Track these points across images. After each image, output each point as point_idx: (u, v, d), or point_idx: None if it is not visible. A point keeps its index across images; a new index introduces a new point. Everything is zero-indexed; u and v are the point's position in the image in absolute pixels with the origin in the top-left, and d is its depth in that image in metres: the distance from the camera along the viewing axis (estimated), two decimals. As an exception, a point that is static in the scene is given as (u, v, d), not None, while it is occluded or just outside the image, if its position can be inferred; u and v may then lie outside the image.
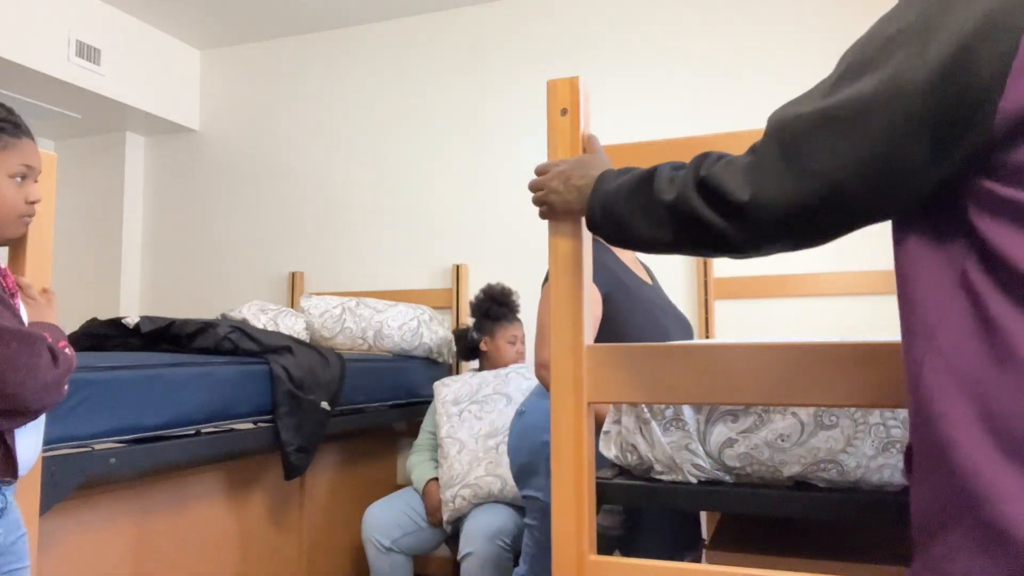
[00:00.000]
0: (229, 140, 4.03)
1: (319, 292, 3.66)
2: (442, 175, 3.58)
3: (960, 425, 0.68)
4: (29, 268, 1.50)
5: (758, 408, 1.21)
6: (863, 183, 0.75)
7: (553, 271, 1.23)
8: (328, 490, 2.84)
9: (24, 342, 1.18)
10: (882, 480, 1.16)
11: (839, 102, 0.76)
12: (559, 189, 1.14)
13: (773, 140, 0.82)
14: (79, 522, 1.86)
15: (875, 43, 0.76)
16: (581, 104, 1.25)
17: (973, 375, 0.68)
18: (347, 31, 3.82)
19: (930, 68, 0.70)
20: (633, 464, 1.31)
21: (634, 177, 0.99)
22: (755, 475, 1.23)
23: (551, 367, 1.22)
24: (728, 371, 1.13)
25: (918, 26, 0.72)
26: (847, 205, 0.78)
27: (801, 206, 0.79)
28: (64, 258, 3.93)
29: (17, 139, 1.32)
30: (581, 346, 1.20)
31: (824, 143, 0.76)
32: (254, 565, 2.44)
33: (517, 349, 2.89)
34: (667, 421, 1.26)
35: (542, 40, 3.46)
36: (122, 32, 3.63)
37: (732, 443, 1.22)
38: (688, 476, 1.25)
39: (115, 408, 1.82)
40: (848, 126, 0.75)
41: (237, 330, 2.39)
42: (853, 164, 0.75)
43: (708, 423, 1.24)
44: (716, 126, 3.10)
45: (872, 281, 2.89)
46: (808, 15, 3.07)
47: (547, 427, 1.81)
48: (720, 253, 0.90)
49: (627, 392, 1.19)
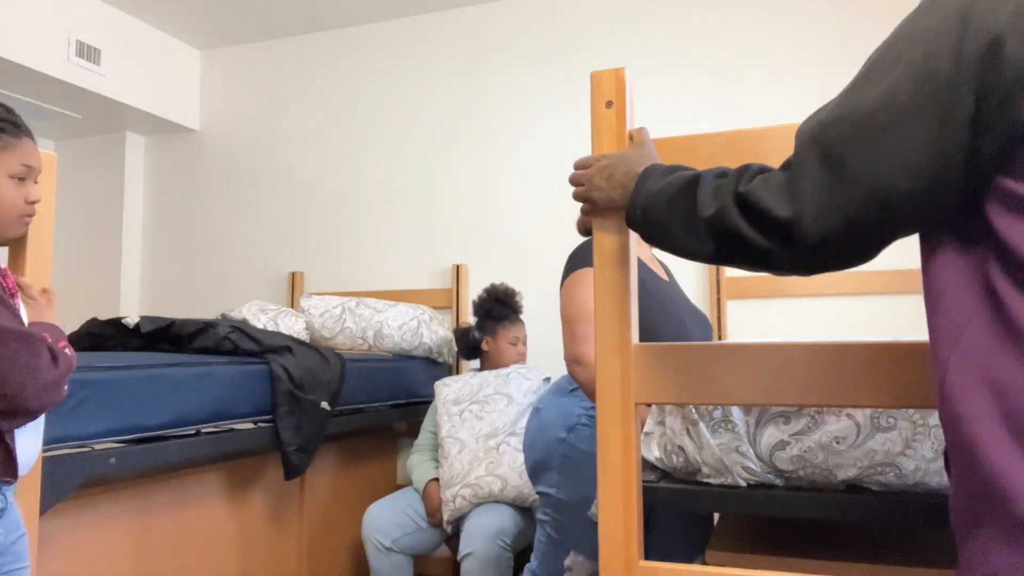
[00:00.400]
0: (229, 140, 4.03)
1: (319, 292, 3.66)
2: (442, 175, 3.58)
3: (983, 424, 0.69)
4: (29, 268, 1.50)
5: (811, 410, 1.17)
6: (908, 188, 0.73)
7: (598, 266, 1.17)
8: (328, 490, 2.84)
9: (24, 342, 1.18)
10: (941, 483, 1.13)
11: (873, 107, 0.75)
12: (602, 186, 1.09)
13: (810, 153, 0.79)
14: (79, 522, 1.86)
15: (902, 42, 0.76)
16: (627, 96, 1.19)
17: (995, 374, 0.69)
18: (347, 31, 3.82)
19: (961, 63, 0.70)
20: (678, 467, 1.27)
21: (678, 182, 0.95)
22: (807, 478, 1.19)
23: (595, 366, 1.16)
24: (781, 371, 1.07)
25: (948, 24, 0.72)
26: (893, 213, 0.75)
27: (846, 218, 0.76)
28: (64, 258, 3.93)
29: (17, 139, 1.32)
30: (628, 345, 1.15)
31: (864, 151, 0.75)
32: (254, 565, 2.44)
33: (518, 350, 2.89)
34: (715, 423, 1.22)
35: (542, 40, 3.46)
36: (122, 32, 3.63)
37: (784, 445, 1.18)
38: (738, 479, 1.21)
39: (115, 408, 1.82)
40: (887, 131, 0.74)
41: (237, 330, 2.39)
42: (897, 168, 0.73)
43: (758, 425, 1.20)
44: (717, 126, 3.09)
45: (884, 281, 2.89)
46: (808, 15, 3.07)
47: (562, 424, 1.81)
48: (766, 270, 0.87)
49: (676, 393, 1.13)
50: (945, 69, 0.71)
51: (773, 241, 0.82)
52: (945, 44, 0.71)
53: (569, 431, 1.80)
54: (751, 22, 3.15)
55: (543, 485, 1.85)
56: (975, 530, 0.71)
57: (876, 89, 0.75)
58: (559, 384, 1.94)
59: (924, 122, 0.72)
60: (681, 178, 0.95)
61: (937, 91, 0.71)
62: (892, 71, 0.75)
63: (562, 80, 3.40)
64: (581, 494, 1.76)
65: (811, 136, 0.80)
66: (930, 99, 0.71)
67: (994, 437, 0.68)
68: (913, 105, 0.72)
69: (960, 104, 0.70)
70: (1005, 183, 0.70)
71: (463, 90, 3.58)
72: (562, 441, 1.80)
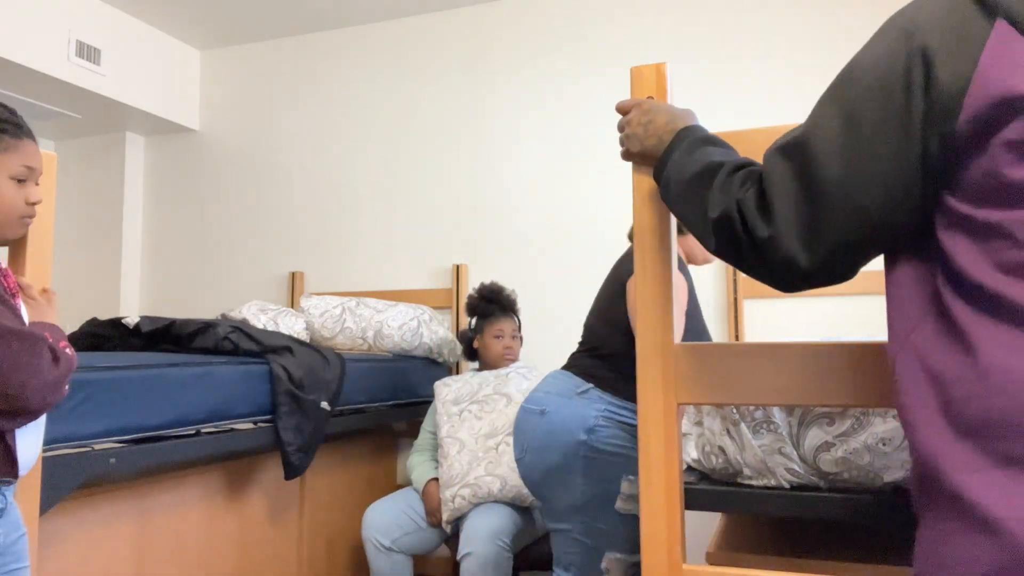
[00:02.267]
0: (229, 140, 4.03)
1: (319, 292, 3.66)
2: (442, 175, 3.58)
3: (924, 412, 0.75)
4: (29, 268, 1.50)
5: (856, 411, 1.16)
6: (882, 202, 0.77)
7: (639, 265, 1.16)
8: (328, 490, 2.84)
9: (25, 342, 1.18)
10: None
11: (839, 128, 0.78)
12: (639, 133, 1.07)
13: (781, 171, 0.82)
14: (79, 522, 1.86)
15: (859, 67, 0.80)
16: (669, 92, 1.18)
17: (937, 368, 0.75)
18: (347, 31, 3.82)
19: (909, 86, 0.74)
20: (718, 468, 1.25)
21: (700, 164, 0.94)
22: (852, 480, 1.18)
23: (637, 366, 1.15)
24: (826, 371, 1.06)
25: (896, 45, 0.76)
26: (871, 228, 0.78)
27: (825, 236, 0.79)
28: (64, 258, 3.94)
29: (19, 140, 1.32)
30: (671, 345, 1.14)
31: (835, 169, 0.78)
32: (254, 565, 2.44)
33: (504, 344, 2.86)
34: (757, 423, 1.20)
35: (542, 40, 3.46)
36: (122, 32, 3.63)
37: (829, 447, 1.17)
38: (781, 481, 1.20)
39: (115, 408, 1.82)
40: (854, 149, 0.77)
41: (237, 330, 2.39)
42: (869, 184, 0.77)
43: (801, 426, 1.18)
44: (717, 125, 3.09)
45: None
46: (807, 12, 3.08)
47: (580, 426, 1.80)
48: (759, 278, 0.89)
49: (719, 393, 1.11)
50: (898, 90, 0.75)
51: (758, 257, 0.85)
52: (896, 67, 0.75)
53: (589, 433, 1.79)
54: (753, 22, 3.15)
55: (561, 491, 1.81)
56: (925, 511, 0.76)
57: (840, 111, 0.79)
58: (564, 386, 1.91)
59: (886, 140, 0.76)
60: (704, 160, 0.94)
61: (894, 112, 0.75)
62: (852, 94, 0.79)
63: (562, 80, 3.40)
64: (607, 491, 1.76)
65: (783, 156, 0.83)
66: (889, 119, 0.75)
67: (933, 423, 0.74)
68: (875, 125, 0.76)
69: (912, 124, 0.74)
70: (947, 199, 0.75)
71: (463, 90, 3.58)
72: (583, 443, 1.78)
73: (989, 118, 0.70)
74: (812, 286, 0.85)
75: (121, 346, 2.40)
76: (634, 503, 1.73)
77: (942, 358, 0.74)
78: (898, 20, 0.79)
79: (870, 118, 0.76)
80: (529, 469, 1.88)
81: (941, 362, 0.74)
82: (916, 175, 0.75)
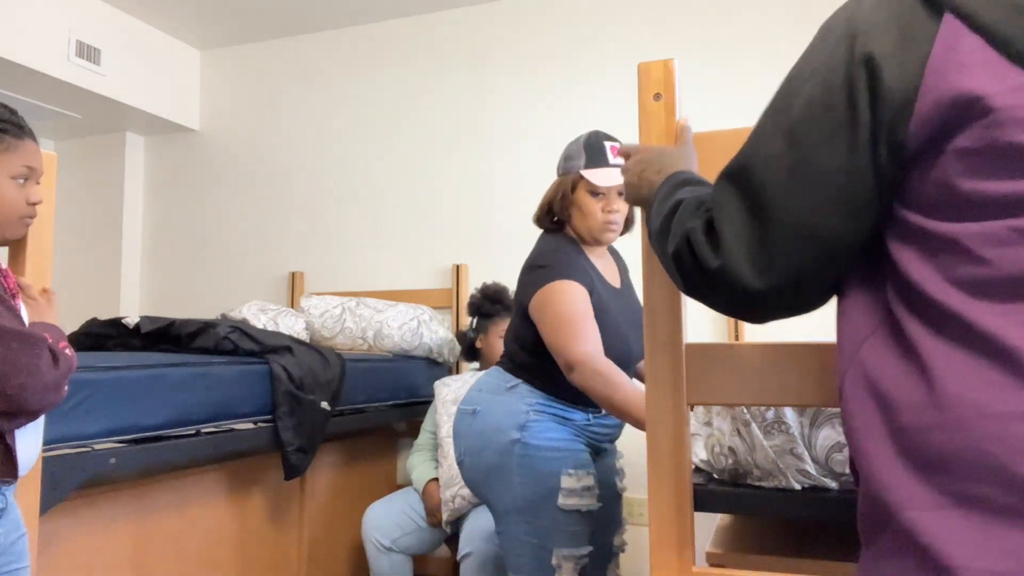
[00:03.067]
0: (229, 140, 4.03)
1: (319, 292, 3.66)
2: (442, 175, 3.58)
3: (874, 440, 0.70)
4: (29, 268, 1.51)
5: None
6: (834, 221, 0.72)
7: (647, 260, 1.13)
8: (328, 490, 2.84)
9: (25, 342, 1.18)
10: None
11: (782, 147, 0.74)
12: (634, 181, 1.07)
13: (728, 198, 0.77)
14: (79, 522, 1.86)
15: (799, 79, 0.75)
16: (676, 88, 1.16)
17: (886, 390, 0.70)
18: (347, 31, 3.82)
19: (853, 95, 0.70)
20: (727, 469, 1.23)
21: (669, 207, 0.89)
22: None
23: (644, 366, 1.12)
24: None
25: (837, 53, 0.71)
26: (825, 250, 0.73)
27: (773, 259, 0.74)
28: (64, 258, 3.93)
29: (20, 140, 1.32)
30: (680, 343, 1.10)
31: (783, 191, 0.73)
32: (254, 565, 2.44)
33: None
34: (768, 424, 1.18)
35: (543, 40, 3.46)
36: (122, 32, 3.63)
37: (841, 447, 1.15)
38: (792, 482, 1.18)
39: (115, 408, 1.82)
40: (800, 168, 0.72)
41: (237, 330, 2.40)
42: (819, 204, 0.72)
43: (813, 426, 1.16)
44: (718, 125, 3.09)
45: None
46: (808, 14, 3.08)
47: (512, 424, 1.75)
48: (725, 312, 0.83)
49: (730, 393, 1.08)
50: (841, 101, 0.70)
51: (710, 290, 0.79)
52: (837, 77, 0.71)
53: (521, 430, 1.75)
54: (753, 22, 3.15)
55: (501, 491, 1.77)
56: (871, 538, 0.72)
57: (781, 128, 0.75)
58: (492, 383, 1.87)
59: (831, 157, 0.71)
60: (673, 202, 0.91)
61: (839, 124, 0.70)
62: (793, 108, 0.74)
63: (562, 80, 3.40)
64: (547, 488, 1.72)
65: (728, 180, 0.78)
66: (834, 132, 0.71)
67: (883, 452, 0.69)
68: (820, 140, 0.71)
69: (859, 137, 0.70)
70: (899, 211, 0.71)
71: (463, 90, 3.58)
72: (516, 441, 1.74)
73: (941, 123, 0.66)
74: (778, 316, 0.79)
75: (121, 346, 2.40)
76: (576, 497, 1.71)
77: (892, 376, 0.69)
78: (837, 22, 0.74)
79: (813, 134, 0.71)
80: (470, 471, 1.84)
81: (891, 380, 0.69)
82: (869, 190, 0.70)
